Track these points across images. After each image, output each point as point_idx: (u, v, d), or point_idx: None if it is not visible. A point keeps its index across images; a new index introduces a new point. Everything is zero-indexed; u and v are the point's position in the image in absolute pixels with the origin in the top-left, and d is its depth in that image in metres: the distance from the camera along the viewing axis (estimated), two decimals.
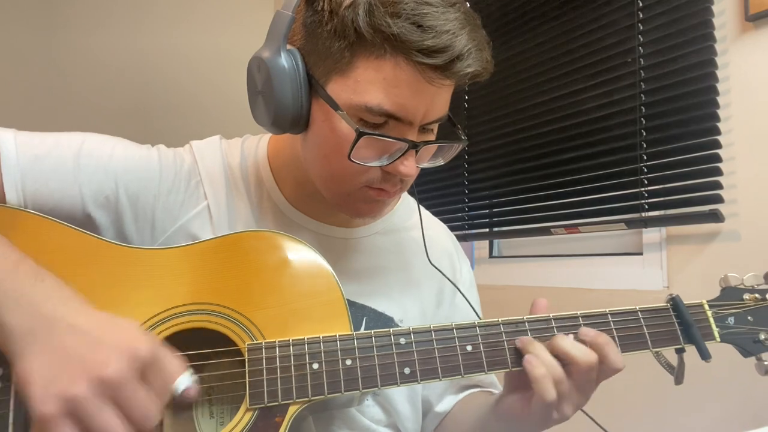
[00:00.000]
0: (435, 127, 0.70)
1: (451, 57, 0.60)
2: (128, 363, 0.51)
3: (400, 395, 0.80)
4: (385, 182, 0.69)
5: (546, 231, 1.73)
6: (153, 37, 2.39)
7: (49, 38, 2.19)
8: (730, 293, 0.72)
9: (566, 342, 0.64)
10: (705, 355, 0.67)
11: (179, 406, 0.60)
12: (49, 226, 0.64)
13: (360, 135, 0.62)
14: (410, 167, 0.66)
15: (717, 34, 1.32)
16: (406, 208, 0.89)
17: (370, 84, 0.62)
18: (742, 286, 0.72)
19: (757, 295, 0.71)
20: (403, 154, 0.65)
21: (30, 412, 0.51)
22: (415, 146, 0.65)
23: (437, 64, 0.61)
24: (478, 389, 0.89)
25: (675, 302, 0.70)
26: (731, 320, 0.70)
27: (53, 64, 2.19)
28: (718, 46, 1.31)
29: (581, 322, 0.67)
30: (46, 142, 0.69)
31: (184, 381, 0.56)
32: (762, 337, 0.69)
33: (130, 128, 1.15)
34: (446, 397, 0.88)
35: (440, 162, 0.73)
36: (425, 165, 0.71)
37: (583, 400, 0.66)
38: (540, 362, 0.63)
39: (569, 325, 0.67)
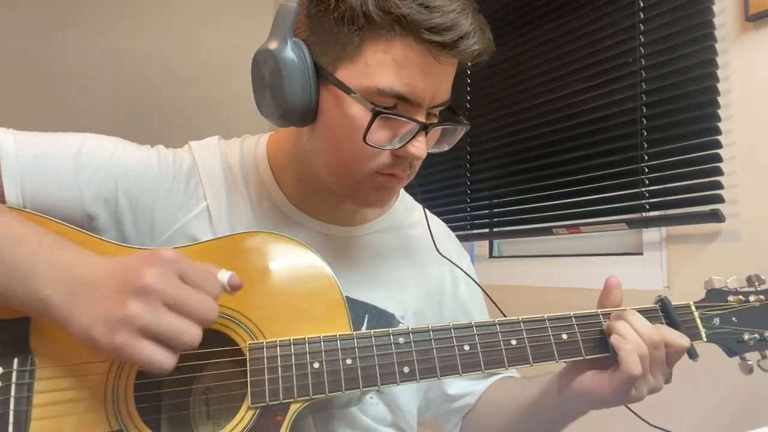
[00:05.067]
0: (438, 112, 0.72)
1: (458, 35, 0.63)
2: (160, 268, 0.53)
3: (403, 391, 0.81)
4: (395, 167, 0.70)
5: (547, 231, 1.73)
6: (152, 37, 2.40)
7: (48, 38, 2.20)
8: (714, 295, 0.74)
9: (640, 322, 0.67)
10: (693, 355, 0.68)
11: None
12: (47, 225, 0.63)
13: (376, 114, 0.64)
14: (421, 149, 0.68)
15: (717, 34, 1.32)
16: (405, 207, 0.90)
17: (380, 66, 0.64)
18: (725, 289, 0.74)
19: (741, 297, 0.74)
20: (413, 137, 0.67)
21: (114, 358, 0.55)
22: (425, 127, 0.67)
23: (446, 42, 0.63)
24: (499, 376, 0.90)
25: (663, 303, 0.72)
26: (717, 321, 0.72)
27: (53, 64, 2.20)
28: (718, 46, 1.32)
29: (574, 322, 0.69)
30: (45, 143, 0.69)
31: (225, 273, 0.57)
32: (746, 337, 0.72)
33: (130, 128, 1.16)
34: (467, 385, 0.89)
35: (445, 147, 0.75)
36: (431, 150, 0.73)
37: (658, 382, 0.67)
38: (628, 339, 0.65)
39: (563, 325, 0.69)
